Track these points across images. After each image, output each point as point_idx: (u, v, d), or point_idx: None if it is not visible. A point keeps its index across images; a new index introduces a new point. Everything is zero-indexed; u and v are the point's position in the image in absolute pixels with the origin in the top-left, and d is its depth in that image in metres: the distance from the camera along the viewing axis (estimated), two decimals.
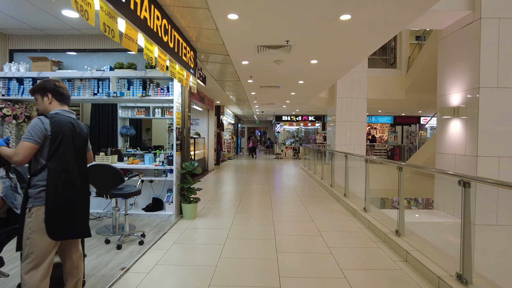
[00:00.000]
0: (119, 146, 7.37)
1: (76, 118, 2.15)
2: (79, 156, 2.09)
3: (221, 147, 13.49)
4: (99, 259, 3.16)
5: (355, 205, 5.22)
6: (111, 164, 4.70)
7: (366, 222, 4.44)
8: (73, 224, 2.00)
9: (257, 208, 5.42)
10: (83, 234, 2.11)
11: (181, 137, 4.79)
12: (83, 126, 2.19)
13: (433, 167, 5.61)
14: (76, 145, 2.05)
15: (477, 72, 4.66)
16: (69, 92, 2.18)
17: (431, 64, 11.08)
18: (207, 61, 5.73)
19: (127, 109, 7.60)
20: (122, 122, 7.47)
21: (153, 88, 4.76)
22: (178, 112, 4.70)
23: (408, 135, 18.30)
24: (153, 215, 4.71)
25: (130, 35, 2.56)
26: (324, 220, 4.67)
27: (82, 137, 2.13)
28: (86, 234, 2.12)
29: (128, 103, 7.16)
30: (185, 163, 4.68)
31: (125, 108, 7.51)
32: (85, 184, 2.12)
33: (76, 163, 2.04)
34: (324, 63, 5.61)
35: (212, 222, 4.55)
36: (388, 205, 13.62)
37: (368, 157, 4.90)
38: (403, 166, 3.61)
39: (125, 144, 7.74)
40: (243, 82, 7.64)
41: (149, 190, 4.96)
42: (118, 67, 4.76)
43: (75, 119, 2.12)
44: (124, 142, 7.79)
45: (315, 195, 6.73)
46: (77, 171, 2.04)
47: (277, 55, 5.15)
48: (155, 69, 4.68)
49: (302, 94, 9.80)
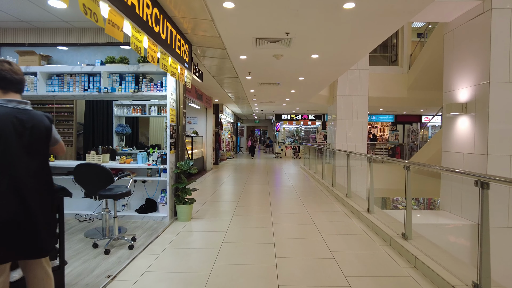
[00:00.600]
0: (114, 145, 7.15)
1: (30, 109, 1.76)
2: (33, 157, 1.71)
3: (219, 146, 13.26)
4: (84, 265, 2.94)
5: (358, 206, 5.00)
6: (102, 163, 4.48)
7: (370, 224, 4.21)
8: (13, 244, 1.61)
9: (255, 209, 5.19)
10: (30, 254, 1.70)
11: (175, 135, 4.56)
12: (41, 117, 1.78)
13: (443, 166, 5.36)
14: (26, 143, 1.67)
15: (487, 66, 4.42)
16: (21, 76, 1.76)
17: (434, 61, 10.85)
18: (203, 56, 5.50)
19: (123, 107, 7.38)
20: (117, 120, 7.25)
21: (146, 83, 4.53)
22: (172, 109, 4.47)
23: (409, 133, 18.07)
24: (146, 216, 4.48)
25: (114, 21, 2.33)
26: (325, 222, 4.44)
27: (38, 132, 1.73)
28: (34, 254, 1.71)
29: (123, 101, 6.94)
30: (180, 162, 4.45)
31: (120, 106, 7.29)
32: (38, 191, 1.71)
33: (25, 167, 1.66)
34: (325, 57, 5.38)
35: (208, 224, 4.32)
36: (389, 205, 13.40)
37: (373, 156, 4.67)
38: (410, 165, 3.39)
39: (120, 143, 7.52)
40: (241, 79, 7.41)
41: (142, 191, 4.73)
42: (110, 61, 4.53)
43: (27, 111, 1.73)
44: (119, 141, 7.57)
45: (316, 195, 6.50)
46: (26, 176, 1.65)
47: (277, 49, 4.92)
48: (148, 64, 4.45)
49: (302, 92, 9.57)
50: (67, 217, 4.57)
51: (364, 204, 4.95)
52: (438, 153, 10.05)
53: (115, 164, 4.55)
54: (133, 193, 4.71)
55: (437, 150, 9.90)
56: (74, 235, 3.81)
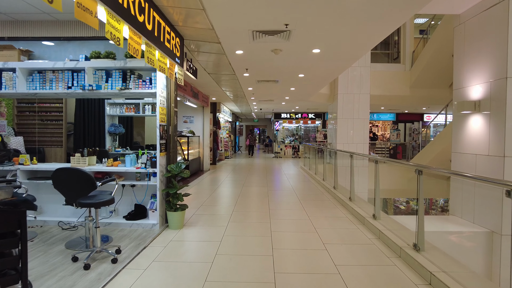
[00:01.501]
0: (107, 145, 6.82)
1: None
2: None
3: (217, 146, 12.92)
4: (59, 284, 2.60)
5: (362, 210, 4.67)
6: (88, 167, 4.15)
7: (376, 232, 3.89)
8: None
9: (253, 215, 4.87)
10: None
11: (166, 135, 4.23)
12: None
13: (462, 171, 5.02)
14: None
15: (503, 60, 4.08)
16: None
17: (438, 57, 10.51)
18: (198, 51, 5.15)
19: (115, 106, 7.04)
20: (110, 120, 6.92)
21: (134, 80, 4.19)
22: (162, 107, 4.13)
23: (411, 132, 17.76)
24: (135, 224, 4.15)
25: (85, 5, 1.99)
26: (328, 230, 4.12)
27: None
28: None
29: (116, 100, 6.60)
30: (171, 165, 4.12)
31: (113, 105, 6.95)
32: None
33: None
34: (327, 52, 5.04)
35: (201, 233, 3.99)
36: (391, 206, 13.12)
37: (380, 157, 4.34)
38: (423, 170, 3.06)
39: (113, 143, 7.18)
40: (238, 76, 7.07)
41: (131, 196, 4.40)
42: (95, 56, 4.19)
43: None
44: (112, 141, 7.23)
45: (317, 198, 6.18)
46: None
47: (275, 42, 4.57)
48: (136, 59, 4.11)
49: (302, 90, 9.23)
50: (50, 225, 4.24)
51: (369, 209, 4.62)
52: (442, 153, 9.74)
53: (101, 167, 4.21)
54: (122, 198, 4.39)
55: (441, 149, 9.58)
56: (54, 246, 3.47)
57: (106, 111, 7.01)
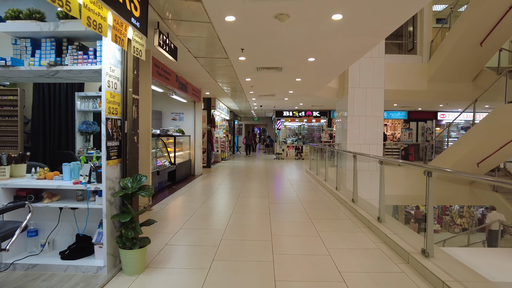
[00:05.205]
0: (77, 147, 5.45)
1: None
2: None
3: (212, 146, 11.55)
4: None
5: (401, 239, 3.30)
6: (9, 180, 2.81)
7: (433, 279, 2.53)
8: None
9: (249, 245, 3.51)
10: None
11: (119, 135, 2.86)
12: None
13: None
14: None
15: None
16: None
17: (461, 47, 9.14)
18: (174, 20, 3.79)
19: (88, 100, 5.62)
20: (82, 116, 5.51)
21: (73, 52, 2.82)
22: (113, 93, 2.77)
23: (423, 132, 16.38)
24: (72, 267, 2.77)
25: None
26: (360, 275, 2.75)
27: None
28: None
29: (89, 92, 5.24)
30: (125, 179, 2.75)
31: (85, 99, 5.53)
32: None
33: None
34: (352, 18, 3.66)
35: (170, 282, 2.63)
36: (402, 213, 11.67)
37: (432, 167, 2.98)
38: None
39: (85, 144, 5.78)
40: (233, 61, 5.70)
41: (71, 222, 3.04)
42: (13, 16, 2.81)
43: None
44: (84, 141, 5.82)
45: (332, 215, 4.81)
46: None
47: (281, 1, 3.21)
48: (73, 21, 2.74)
49: (309, 81, 7.85)
50: None
51: (411, 237, 3.27)
52: (469, 154, 8.37)
53: (29, 181, 2.85)
54: (60, 225, 3.03)
55: (467, 151, 8.24)
56: None
57: (77, 105, 5.58)
